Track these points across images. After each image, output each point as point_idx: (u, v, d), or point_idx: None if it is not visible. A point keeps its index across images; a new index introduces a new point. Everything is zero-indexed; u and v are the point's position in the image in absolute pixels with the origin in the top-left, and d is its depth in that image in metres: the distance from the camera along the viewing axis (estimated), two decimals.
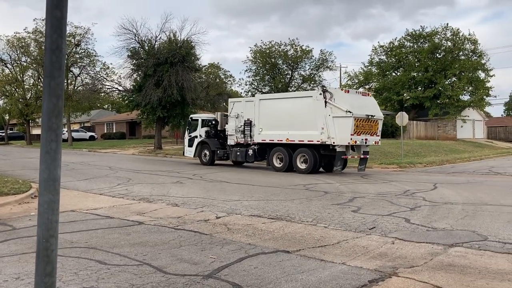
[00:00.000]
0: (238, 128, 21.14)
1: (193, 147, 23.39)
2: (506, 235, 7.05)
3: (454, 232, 7.37)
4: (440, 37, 45.89)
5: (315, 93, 18.44)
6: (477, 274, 5.23)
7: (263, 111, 20.09)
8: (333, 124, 17.36)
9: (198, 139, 23.12)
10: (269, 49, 70.45)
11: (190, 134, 23.74)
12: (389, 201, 10.87)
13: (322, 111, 17.72)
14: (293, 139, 18.85)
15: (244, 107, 21.02)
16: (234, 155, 21.42)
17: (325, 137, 17.66)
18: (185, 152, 24.32)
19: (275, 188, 13.87)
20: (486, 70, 45.53)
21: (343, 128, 17.21)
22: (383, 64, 48.57)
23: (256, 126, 20.28)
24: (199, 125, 23.29)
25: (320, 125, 17.77)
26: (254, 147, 20.49)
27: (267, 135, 19.85)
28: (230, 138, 21.67)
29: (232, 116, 21.51)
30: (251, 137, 20.47)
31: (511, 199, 10.95)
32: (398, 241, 6.82)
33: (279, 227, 7.91)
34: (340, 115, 17.28)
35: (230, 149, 21.78)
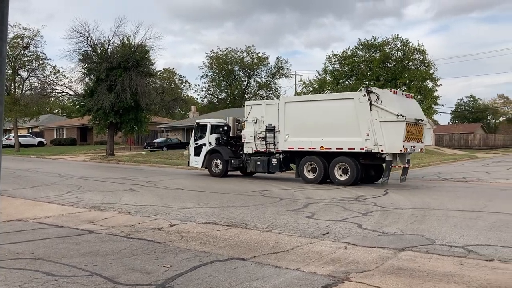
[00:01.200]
0: (258, 134, 18.62)
1: (200, 156, 20.62)
2: (452, 239, 7.33)
3: (404, 237, 7.59)
4: (391, 47, 47.50)
5: (358, 95, 16.15)
6: (425, 277, 5.40)
7: (290, 115, 17.77)
8: (381, 130, 15.34)
9: (206, 147, 20.47)
10: (226, 56, 70.62)
11: (196, 142, 20.97)
12: (342, 206, 11.07)
13: (367, 114, 15.61)
14: (329, 146, 16.55)
15: (265, 110, 18.66)
16: (253, 165, 18.84)
17: (371, 144, 15.53)
18: (191, 162, 21.42)
19: (231, 194, 13.82)
20: (434, 80, 47.51)
21: (393, 134, 15.20)
22: (337, 73, 49.70)
23: (281, 132, 17.93)
24: (207, 131, 20.63)
25: (364, 130, 15.67)
26: (279, 156, 18.15)
27: (295, 142, 17.55)
28: (247, 145, 19.07)
29: (250, 121, 18.95)
30: (275, 144, 18.08)
31: (457, 204, 11.41)
32: (350, 246, 6.95)
33: (234, 234, 7.88)
34: (390, 119, 15.27)
35: (246, 158, 19.23)
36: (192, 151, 21.20)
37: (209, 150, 20.39)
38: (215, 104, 72.10)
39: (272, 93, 73.29)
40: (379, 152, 15.49)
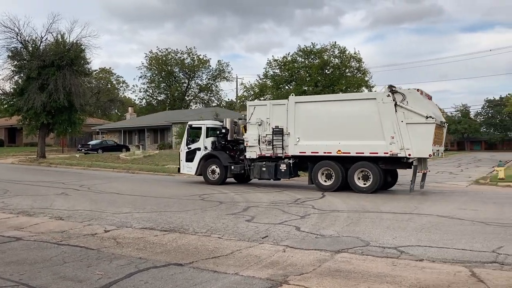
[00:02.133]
0: (263, 137, 17.01)
1: (194, 162, 18.64)
2: (385, 240, 7.60)
3: (340, 239, 7.78)
4: (329, 54, 48.93)
5: (381, 95, 15.04)
6: (360, 278, 5.55)
7: (301, 117, 16.24)
8: (407, 133, 14.38)
9: (201, 151, 18.56)
10: (166, 56, 69.55)
11: (189, 146, 18.95)
12: (281, 209, 11.19)
13: (392, 116, 14.57)
14: (348, 150, 15.28)
15: (271, 112, 17.01)
16: (257, 172, 17.15)
17: (397, 148, 14.49)
18: (182, 168, 19.30)
19: (169, 199, 13.57)
20: (369, 87, 49.44)
21: (422, 138, 14.24)
22: (277, 78, 50.46)
23: (291, 135, 16.36)
24: (202, 134, 18.73)
25: (389, 133, 14.60)
26: (289, 161, 16.59)
27: (307, 146, 16.09)
28: (250, 150, 17.37)
29: (253, 123, 17.25)
30: (283, 148, 16.57)
31: (390, 207, 11.88)
32: (289, 249, 7.02)
33: (172, 239, 7.72)
34: (418, 121, 14.30)
35: (249, 164, 17.55)
36: (184, 157, 19.09)
37: (204, 156, 18.48)
38: (154, 105, 70.75)
39: (213, 96, 73.18)
40: (406, 156, 14.48)
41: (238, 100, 67.23)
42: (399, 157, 14.61)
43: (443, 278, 5.53)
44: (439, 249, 6.94)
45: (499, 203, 12.37)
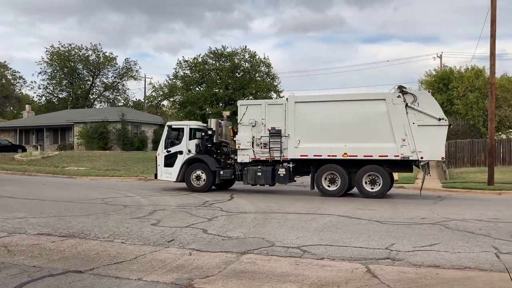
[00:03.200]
0: (257, 140, 15.85)
1: (174, 167, 16.83)
2: (289, 240, 7.84)
3: (247, 240, 7.88)
4: (239, 57, 49.43)
5: (390, 95, 14.49)
6: (265, 278, 5.66)
7: (302, 118, 15.33)
8: (419, 135, 14.07)
9: (184, 155, 16.80)
10: (68, 52, 65.74)
11: (168, 149, 17.08)
12: (189, 212, 11.08)
13: (402, 118, 14.18)
14: (355, 153, 14.61)
15: (267, 112, 15.89)
16: (251, 177, 15.86)
17: (408, 151, 14.09)
18: (160, 174, 17.26)
19: (70, 203, 12.83)
20: (277, 92, 50.70)
21: (434, 140, 13.96)
22: (188, 79, 49.92)
23: (290, 138, 15.39)
24: (185, 136, 16.97)
25: (399, 135, 14.19)
26: (288, 165, 15.58)
27: (310, 149, 15.17)
28: (242, 153, 16.10)
29: (246, 124, 16.05)
30: (281, 151, 15.54)
31: (294, 207, 12.28)
32: (195, 252, 6.96)
33: (71, 245, 7.30)
34: (430, 123, 14.02)
35: (241, 168, 16.24)
36: (162, 161, 17.13)
37: (188, 160, 16.74)
38: (55, 104, 66.51)
39: (120, 95, 70.56)
40: (418, 159, 14.20)
41: (147, 100, 65.58)
42: (410, 160, 14.34)
43: (342, 275, 5.82)
44: (339, 248, 7.30)
45: (393, 203, 13.32)
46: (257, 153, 15.91)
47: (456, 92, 34.25)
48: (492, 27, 18.43)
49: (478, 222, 9.75)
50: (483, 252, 6.97)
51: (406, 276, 5.78)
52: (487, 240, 7.80)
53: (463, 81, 34.31)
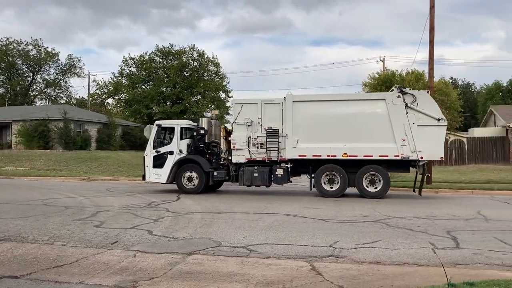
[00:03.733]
0: (253, 139, 15.47)
1: (164, 168, 16.13)
2: (236, 240, 7.86)
3: (193, 241, 7.82)
4: (187, 56, 48.95)
5: (390, 96, 14.68)
6: (211, 279, 5.63)
7: (300, 117, 15.14)
8: (418, 135, 14.26)
9: (175, 156, 16.12)
10: (6, 46, 62.46)
11: (157, 150, 16.32)
12: (134, 213, 10.84)
13: (402, 118, 14.36)
14: (355, 153, 14.61)
15: (263, 111, 15.50)
16: (247, 178, 15.46)
17: (408, 151, 14.28)
18: (148, 175, 16.42)
19: (6, 204, 12.22)
20: (226, 91, 50.69)
21: (433, 140, 14.22)
22: (134, 76, 48.85)
23: (289, 137, 15.13)
24: (176, 135, 16.29)
25: (399, 135, 14.34)
26: (286, 166, 15.29)
27: (308, 149, 14.99)
28: (237, 153, 15.63)
29: (241, 123, 15.59)
30: (279, 151, 15.28)
31: (242, 207, 12.31)
32: (140, 254, 6.82)
33: (7, 250, 6.95)
34: (429, 123, 14.27)
35: (236, 169, 15.83)
36: (151, 162, 16.32)
37: (179, 161, 16.07)
38: None
39: (62, 93, 67.89)
40: (418, 159, 14.40)
41: (90, 98, 63.51)
42: (410, 160, 14.53)
43: (287, 273, 5.90)
44: (285, 246, 7.40)
45: (338, 202, 13.66)
46: (253, 153, 15.56)
47: None
48: (431, 34, 19.34)
49: (416, 219, 10.19)
50: (421, 248, 7.29)
51: (349, 272, 5.94)
52: (425, 237, 8.17)
53: (404, 84, 35.73)
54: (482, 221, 9.91)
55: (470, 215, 10.82)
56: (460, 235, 8.25)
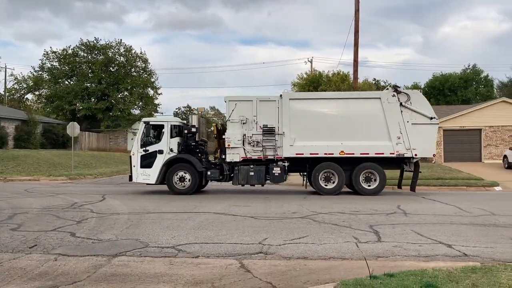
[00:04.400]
0: (249, 138, 15.15)
1: (153, 167, 15.34)
2: (164, 240, 7.70)
3: (119, 242, 7.56)
4: (114, 51, 47.29)
5: (386, 94, 15.06)
6: (137, 280, 5.48)
7: (297, 115, 15.12)
8: (412, 133, 14.71)
9: (165, 155, 15.37)
10: None
11: (146, 148, 15.41)
12: (55, 215, 10.29)
13: (397, 116, 14.80)
14: (352, 151, 14.83)
15: (258, 108, 15.24)
16: (243, 177, 15.14)
17: (403, 148, 14.72)
18: (135, 176, 15.48)
19: None
20: (154, 88, 49.60)
21: (426, 138, 14.77)
22: (56, 71, 46.38)
23: (286, 135, 15.00)
24: (166, 134, 15.49)
25: (395, 133, 14.76)
26: (283, 164, 15.13)
27: (305, 147, 14.97)
28: (232, 152, 15.21)
29: (236, 121, 15.20)
30: (275, 149, 15.07)
31: (170, 206, 12.10)
32: (61, 257, 6.49)
33: None
34: (422, 121, 14.79)
35: (230, 168, 15.43)
36: (138, 161, 15.42)
37: (169, 160, 15.36)
38: None
39: None
40: (412, 156, 14.81)
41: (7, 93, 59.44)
42: (404, 157, 14.90)
43: (216, 272, 5.88)
44: (214, 245, 7.37)
45: (268, 200, 13.85)
46: (248, 152, 15.22)
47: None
48: (355, 36, 20.20)
49: (341, 214, 10.58)
50: (345, 242, 7.57)
51: (277, 269, 6.04)
52: (349, 231, 8.50)
53: (331, 84, 37.04)
54: (401, 215, 10.50)
55: (391, 209, 11.43)
56: (381, 229, 8.68)
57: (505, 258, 6.52)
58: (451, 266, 5.81)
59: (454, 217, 10.25)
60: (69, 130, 24.61)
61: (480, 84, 52.05)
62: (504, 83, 60.35)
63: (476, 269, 5.56)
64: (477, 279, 5.09)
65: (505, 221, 9.58)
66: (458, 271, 5.46)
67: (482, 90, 51.37)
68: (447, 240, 7.71)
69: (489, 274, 5.27)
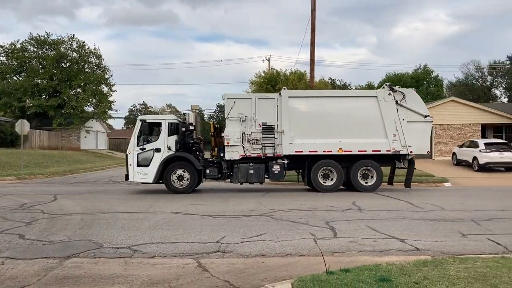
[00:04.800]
0: (248, 135, 15.10)
1: (150, 166, 15.03)
2: (119, 241, 7.51)
3: (71, 243, 7.31)
4: (66, 46, 45.73)
5: (382, 93, 15.34)
6: (91, 282, 5.32)
7: (295, 113, 15.23)
8: (408, 130, 15.07)
9: (163, 153, 15.08)
10: None
11: (143, 147, 15.13)
12: (2, 216, 9.83)
13: (393, 114, 15.16)
14: (350, 149, 15.04)
15: (257, 106, 15.19)
16: (242, 175, 15.11)
17: (399, 146, 15.10)
18: (132, 175, 15.16)
19: None
20: (109, 85, 48.32)
21: (421, 135, 15.22)
22: (3, 67, 44.32)
23: (285, 133, 15.05)
24: (163, 131, 15.23)
25: (391, 131, 15.10)
26: (283, 162, 15.17)
27: (304, 144, 15.06)
28: (231, 150, 15.13)
29: (235, 118, 15.15)
30: (275, 147, 15.08)
31: (125, 206, 11.83)
32: (9, 261, 6.21)
33: None
34: (417, 119, 15.20)
35: (229, 166, 15.33)
36: (134, 160, 15.12)
37: (167, 158, 15.07)
38: None
39: None
40: (408, 153, 15.19)
41: None
42: (400, 154, 15.29)
43: (173, 272, 5.80)
44: (171, 245, 7.27)
45: (226, 198, 13.80)
46: (247, 150, 15.16)
47: None
48: (312, 36, 20.45)
49: (299, 211, 10.69)
50: (302, 239, 7.65)
51: (235, 267, 6.02)
52: (306, 228, 8.59)
53: (288, 83, 37.32)
54: (356, 211, 10.73)
55: (346, 206, 11.66)
56: (337, 225, 8.83)
57: (454, 251, 6.79)
58: (404, 260, 5.98)
59: (406, 212, 10.59)
60: (17, 127, 23.60)
61: (430, 83, 54.03)
62: (452, 83, 63.06)
63: (427, 262, 5.76)
64: (428, 272, 5.26)
65: (453, 216, 9.98)
66: (410, 265, 5.63)
67: (432, 89, 53.33)
68: (400, 235, 7.94)
69: (439, 267, 5.46)
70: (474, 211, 10.67)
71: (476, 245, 7.20)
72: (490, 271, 5.21)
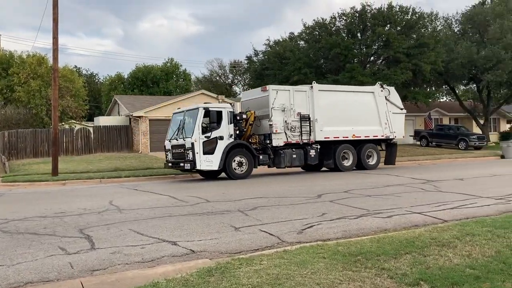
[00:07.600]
0: (288, 124, 16.70)
1: (215, 154, 15.39)
2: None
3: None
4: None
5: (377, 89, 19.03)
6: None
7: (322, 104, 17.59)
8: (393, 120, 19.00)
9: (225, 141, 15.63)
10: None
11: (207, 135, 15.38)
12: None
13: (384, 106, 18.84)
14: (360, 135, 18.24)
15: (293, 98, 17.07)
16: (288, 159, 16.59)
17: (388, 132, 18.93)
18: (198, 163, 15.10)
19: None
20: None
21: (399, 123, 19.46)
22: None
23: (318, 122, 17.35)
24: (224, 120, 15.77)
25: (383, 120, 18.72)
26: (316, 147, 17.38)
27: (330, 131, 17.63)
28: (277, 137, 16.54)
29: (278, 108, 16.60)
30: (310, 134, 17.12)
31: None
32: None
33: None
34: (397, 111, 19.38)
35: (276, 152, 16.65)
36: (200, 148, 15.22)
37: (230, 145, 15.70)
38: None
39: None
40: (393, 138, 19.11)
41: None
42: (390, 138, 19.19)
43: None
44: None
45: None
46: (289, 137, 16.81)
47: (17, 79, 31.80)
48: (54, 10, 17.59)
49: (43, 219, 8.54)
50: (48, 257, 5.79)
51: None
52: (53, 241, 6.68)
53: (25, 67, 32.32)
54: (115, 213, 9.19)
55: (103, 206, 10.00)
56: (94, 233, 7.18)
57: (232, 249, 6.09)
58: (183, 270, 4.89)
59: (172, 208, 9.61)
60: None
61: (179, 77, 55.31)
62: (199, 78, 66.62)
63: (212, 269, 4.79)
64: (217, 284, 4.30)
65: (220, 207, 9.48)
66: (194, 277, 4.57)
67: (181, 83, 54.69)
68: (170, 236, 6.86)
69: (228, 275, 4.56)
70: (237, 200, 10.45)
71: (251, 238, 6.66)
72: (281, 272, 4.57)
